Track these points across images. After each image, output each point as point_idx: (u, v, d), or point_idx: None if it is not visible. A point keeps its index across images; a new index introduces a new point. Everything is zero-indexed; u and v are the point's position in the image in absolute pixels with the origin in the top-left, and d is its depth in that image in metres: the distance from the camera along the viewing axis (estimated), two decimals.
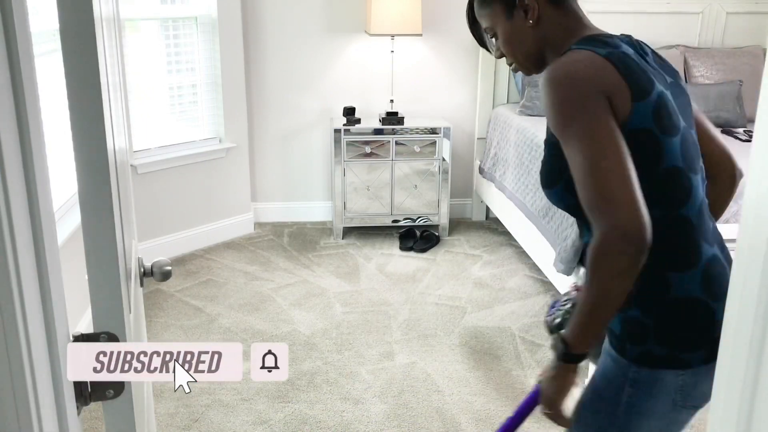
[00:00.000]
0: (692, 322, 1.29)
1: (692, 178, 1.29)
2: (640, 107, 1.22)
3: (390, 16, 4.07)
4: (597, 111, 1.19)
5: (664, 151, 1.25)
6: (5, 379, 0.72)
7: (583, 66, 1.24)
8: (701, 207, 1.31)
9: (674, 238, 1.28)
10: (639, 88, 1.23)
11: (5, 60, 0.68)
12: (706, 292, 1.28)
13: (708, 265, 1.29)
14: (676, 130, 1.27)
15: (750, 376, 0.69)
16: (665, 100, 1.27)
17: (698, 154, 1.33)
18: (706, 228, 1.31)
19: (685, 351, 1.29)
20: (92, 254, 0.95)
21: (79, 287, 1.34)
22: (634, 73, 1.24)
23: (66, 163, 2.85)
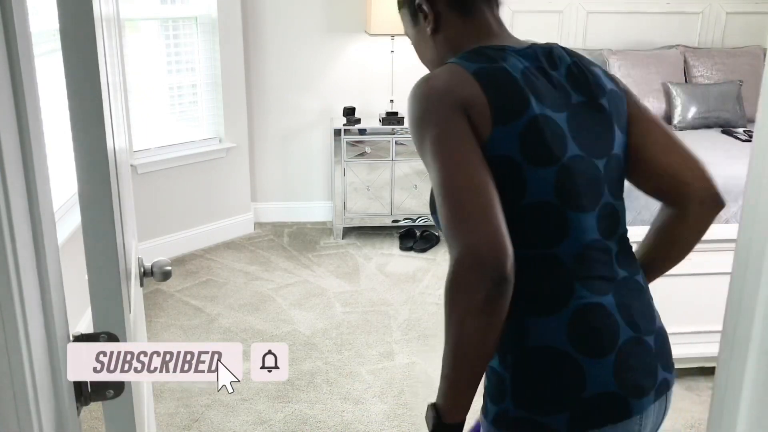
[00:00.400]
0: (552, 378, 1.09)
1: (571, 216, 1.10)
2: (500, 132, 1.07)
3: (390, 16, 4.07)
4: (451, 126, 1.06)
5: (528, 183, 1.08)
6: (5, 379, 0.72)
7: (442, 81, 1.11)
8: (588, 249, 1.12)
9: (538, 278, 1.10)
10: (502, 110, 1.07)
11: (5, 60, 0.68)
12: (572, 344, 1.08)
13: (580, 313, 1.09)
14: (553, 161, 1.09)
15: (750, 376, 0.69)
16: (541, 125, 1.09)
17: (597, 189, 1.14)
18: (593, 274, 1.12)
19: (545, 413, 1.08)
20: (92, 254, 0.95)
21: (79, 287, 1.34)
22: (503, 94, 1.09)
23: (66, 163, 2.85)
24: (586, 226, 1.12)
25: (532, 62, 1.15)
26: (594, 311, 1.10)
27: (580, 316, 1.09)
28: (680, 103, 4.12)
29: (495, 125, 1.06)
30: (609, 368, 1.08)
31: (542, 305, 1.10)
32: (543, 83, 1.13)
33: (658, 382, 1.14)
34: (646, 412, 1.12)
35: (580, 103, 1.16)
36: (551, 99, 1.13)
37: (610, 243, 1.15)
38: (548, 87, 1.13)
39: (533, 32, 4.83)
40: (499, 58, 1.13)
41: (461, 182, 1.03)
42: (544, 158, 1.09)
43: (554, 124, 1.11)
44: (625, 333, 1.11)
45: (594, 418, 1.08)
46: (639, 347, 1.12)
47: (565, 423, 1.08)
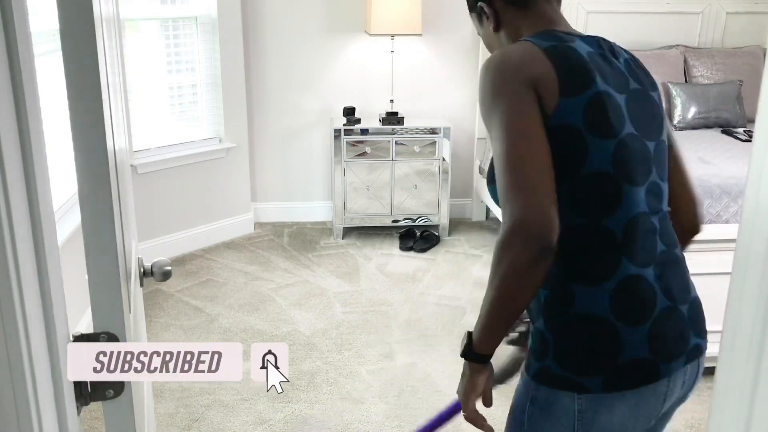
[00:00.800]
0: (591, 343, 1.19)
1: (625, 187, 1.18)
2: (567, 103, 1.16)
3: (390, 16, 4.07)
4: (520, 101, 1.14)
5: (589, 152, 1.17)
6: (5, 379, 0.72)
7: (515, 55, 1.20)
8: (635, 222, 1.19)
9: (589, 248, 1.19)
10: (570, 84, 1.17)
11: (5, 60, 0.68)
12: (614, 313, 1.17)
13: (624, 284, 1.18)
14: (613, 134, 1.18)
15: (750, 376, 0.69)
16: (605, 100, 1.18)
17: (647, 166, 1.23)
18: (638, 246, 1.19)
19: (582, 374, 1.19)
20: (92, 254, 0.95)
21: (79, 287, 1.34)
22: (572, 68, 1.18)
23: (66, 163, 2.85)
24: (637, 200, 1.20)
25: (595, 48, 1.26)
26: (636, 283, 1.18)
27: (623, 288, 1.18)
28: (680, 103, 4.12)
29: (562, 97, 1.16)
30: (644, 336, 1.18)
31: (589, 275, 1.19)
32: (606, 66, 1.23)
33: (689, 348, 1.24)
34: (674, 375, 1.22)
35: (636, 89, 1.26)
36: (613, 80, 1.22)
37: (654, 218, 1.23)
38: (610, 70, 1.23)
39: None
40: (568, 40, 1.24)
41: (522, 153, 1.12)
42: (606, 130, 1.18)
43: (615, 101, 1.20)
44: (661, 303, 1.20)
45: (626, 381, 1.19)
46: (673, 315, 1.22)
47: (599, 384, 1.18)
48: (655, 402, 1.22)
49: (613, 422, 1.21)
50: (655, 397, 1.22)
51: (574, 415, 1.21)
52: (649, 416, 1.24)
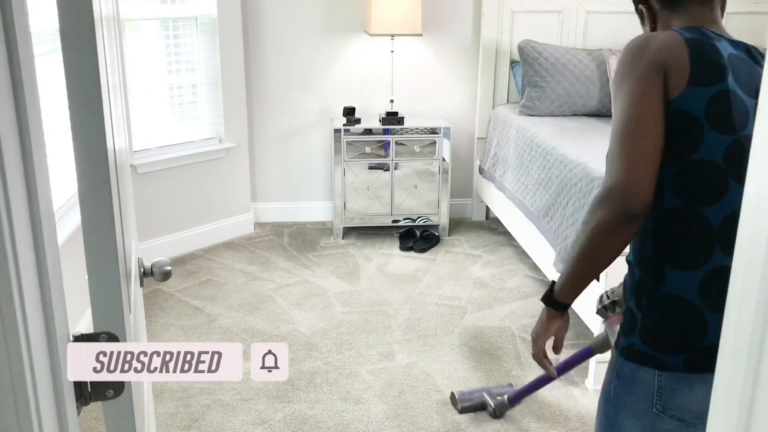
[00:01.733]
0: (678, 324, 1.26)
1: (732, 183, 1.23)
2: (693, 92, 1.23)
3: (390, 16, 4.07)
4: (647, 80, 1.23)
5: (704, 141, 1.23)
6: (5, 379, 0.72)
7: (656, 40, 1.27)
8: (734, 217, 1.23)
9: (685, 234, 1.25)
10: (701, 74, 1.23)
11: (5, 60, 0.68)
12: (702, 298, 1.24)
13: (714, 273, 1.23)
14: (731, 131, 1.23)
15: (750, 376, 0.69)
16: (731, 98, 1.24)
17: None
18: (734, 239, 1.27)
19: (665, 352, 1.27)
20: (92, 254, 0.95)
21: (79, 287, 1.34)
22: (706, 62, 1.24)
23: (66, 163, 2.85)
24: (741, 197, 1.21)
25: (740, 51, 1.30)
26: (727, 273, 1.21)
27: (713, 276, 1.23)
28: None
29: (689, 85, 1.23)
30: None
31: (683, 260, 1.25)
32: (745, 69, 1.27)
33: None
34: None
35: None
36: (748, 84, 1.26)
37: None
38: (748, 74, 1.27)
39: (533, 32, 4.84)
40: (713, 38, 1.29)
41: (634, 127, 1.23)
42: (725, 126, 1.23)
43: (742, 103, 1.25)
44: None
45: (707, 363, 1.23)
46: None
47: (680, 363, 1.25)
48: None
49: (691, 403, 1.26)
50: None
51: (654, 392, 1.28)
52: None
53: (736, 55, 1.28)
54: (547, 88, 4.12)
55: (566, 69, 4.12)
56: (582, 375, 2.89)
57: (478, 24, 4.47)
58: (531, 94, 4.16)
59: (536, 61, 4.14)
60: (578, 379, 2.88)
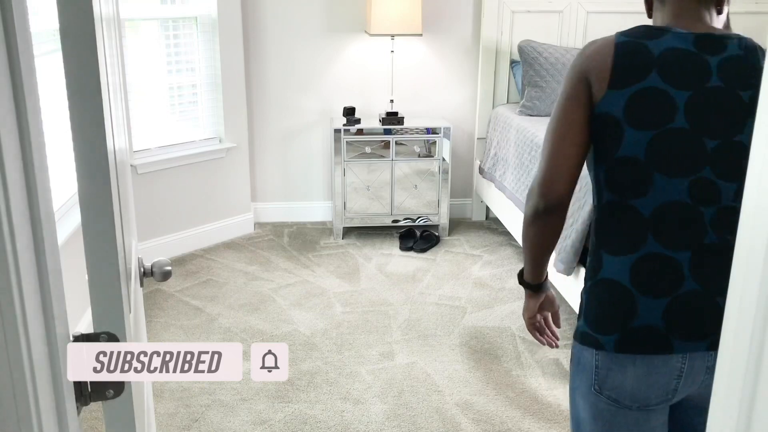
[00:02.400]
0: (610, 305, 1.35)
1: (656, 175, 1.30)
2: (612, 94, 1.31)
3: (390, 16, 4.07)
4: (571, 88, 1.36)
5: (623, 139, 1.31)
6: (5, 379, 0.72)
7: (590, 48, 1.38)
8: (668, 208, 1.31)
9: (619, 223, 1.35)
10: (620, 77, 1.31)
11: (5, 60, 0.68)
12: (633, 282, 1.32)
13: (645, 259, 1.31)
14: (651, 126, 1.30)
15: (750, 376, 0.69)
16: (652, 95, 1.30)
17: (692, 161, 1.31)
18: (669, 230, 1.31)
19: (599, 331, 1.36)
20: (92, 254, 0.95)
21: (79, 287, 1.34)
22: (628, 64, 1.32)
23: (66, 163, 2.85)
24: (671, 188, 1.31)
25: (685, 44, 1.34)
26: (659, 260, 1.31)
27: (644, 262, 1.31)
28: None
29: (609, 89, 1.32)
30: (660, 308, 1.30)
31: (616, 246, 1.35)
32: (681, 62, 1.32)
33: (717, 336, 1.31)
34: (692, 356, 1.31)
35: (714, 87, 1.32)
36: (681, 78, 1.31)
37: (703, 209, 1.31)
38: (684, 66, 1.32)
39: (533, 32, 4.84)
40: (653, 36, 1.35)
41: (556, 129, 1.37)
42: (644, 122, 1.30)
43: (666, 97, 1.30)
44: (689, 285, 1.30)
45: (637, 345, 1.32)
46: (703, 301, 1.30)
47: (612, 343, 1.33)
48: (668, 375, 1.32)
49: (624, 383, 1.34)
50: (667, 370, 1.31)
51: (593, 370, 1.37)
52: (663, 389, 1.33)
53: (673, 49, 1.32)
54: (547, 88, 4.12)
55: (566, 69, 4.11)
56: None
57: (478, 24, 4.47)
58: (531, 94, 4.16)
59: (536, 61, 4.14)
60: None
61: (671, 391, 1.34)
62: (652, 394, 1.33)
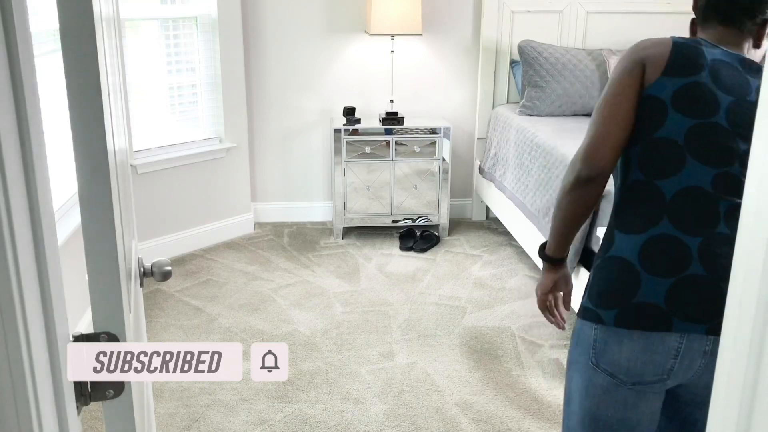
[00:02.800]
0: (614, 281, 1.38)
1: (691, 161, 1.36)
2: (664, 80, 1.39)
3: (390, 16, 4.07)
4: (626, 71, 1.43)
5: (666, 121, 1.38)
6: (5, 379, 0.72)
7: (648, 42, 1.45)
8: (690, 192, 1.36)
9: (638, 202, 1.40)
10: (675, 68, 1.39)
11: (5, 60, 0.68)
12: (641, 260, 1.36)
13: (656, 239, 1.35)
14: (696, 115, 1.37)
15: (750, 375, 0.69)
16: (701, 89, 1.38)
17: (726, 156, 1.37)
18: (686, 214, 1.36)
19: (600, 306, 1.39)
20: (92, 254, 0.95)
21: (79, 287, 1.34)
22: (684, 58, 1.40)
23: (66, 163, 2.85)
24: (699, 175, 1.36)
25: (733, 61, 1.43)
26: (669, 242, 1.35)
27: (654, 242, 1.36)
28: None
29: (662, 75, 1.39)
30: (663, 288, 1.34)
31: (631, 224, 1.39)
32: (728, 72, 1.41)
33: (717, 321, 1.42)
34: (690, 336, 1.34)
35: (754, 102, 1.39)
36: (727, 85, 1.40)
37: (721, 202, 1.36)
38: (731, 77, 1.41)
39: (533, 32, 4.84)
40: (705, 45, 1.44)
41: (606, 105, 1.43)
42: (690, 110, 1.38)
43: (713, 95, 1.39)
44: (695, 269, 1.34)
45: (636, 320, 1.35)
46: (705, 284, 1.33)
47: (612, 317, 1.37)
48: (665, 353, 1.35)
49: (620, 357, 1.37)
50: (663, 347, 1.35)
51: (591, 345, 1.40)
52: (659, 366, 1.36)
53: (723, 61, 1.42)
54: (547, 88, 4.12)
55: (566, 69, 4.12)
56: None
57: (478, 24, 4.47)
58: (531, 94, 4.16)
59: (536, 61, 4.14)
60: None
61: (667, 370, 1.36)
62: (647, 371, 1.36)
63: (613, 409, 1.41)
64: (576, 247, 2.86)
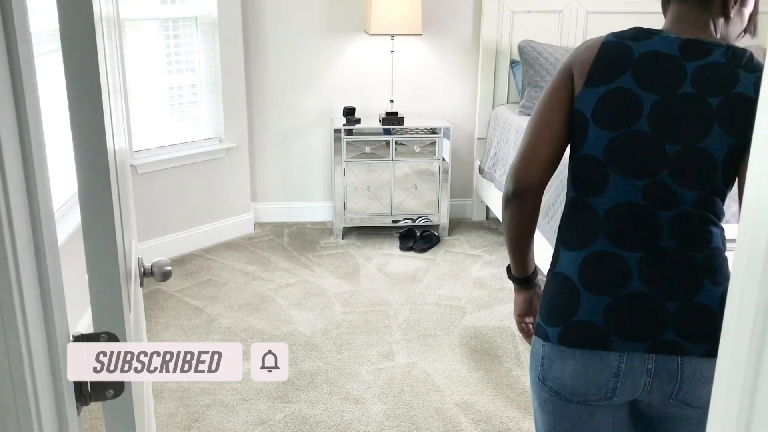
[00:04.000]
0: (557, 297, 1.37)
1: (613, 176, 1.32)
2: (587, 92, 1.33)
3: (390, 16, 4.07)
4: (557, 81, 1.38)
5: (587, 137, 1.34)
6: (5, 379, 0.72)
7: (583, 44, 1.39)
8: (622, 208, 1.31)
9: (576, 220, 1.38)
10: (596, 76, 1.33)
11: (5, 60, 0.68)
12: (580, 277, 1.34)
13: (594, 256, 1.33)
14: (614, 126, 1.32)
15: (750, 375, 0.69)
16: (620, 96, 1.31)
17: (651, 165, 1.30)
18: (622, 230, 1.32)
19: (547, 323, 1.38)
20: (92, 254, 0.95)
21: (79, 287, 1.34)
22: (606, 63, 1.33)
23: (66, 163, 2.85)
24: (627, 189, 1.32)
25: (670, 48, 1.33)
26: (607, 259, 1.33)
27: (592, 259, 1.33)
28: None
29: (585, 86, 1.34)
30: (602, 305, 1.32)
31: (571, 242, 1.37)
32: (658, 66, 1.32)
33: (659, 339, 1.30)
34: (630, 355, 1.31)
35: (687, 93, 1.31)
36: (653, 81, 1.32)
37: (660, 212, 1.31)
38: (661, 71, 1.32)
39: (533, 32, 4.83)
40: (640, 38, 1.34)
41: (535, 120, 1.40)
42: (607, 122, 1.32)
43: (634, 99, 1.31)
44: (635, 286, 1.30)
45: (577, 338, 1.34)
46: (646, 302, 1.30)
47: (557, 335, 1.36)
48: (605, 372, 1.32)
49: (564, 376, 1.36)
50: (603, 366, 1.32)
51: (540, 360, 1.40)
52: (602, 385, 1.33)
53: (655, 53, 1.31)
54: None
55: None
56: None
57: (478, 24, 4.47)
58: (531, 94, 4.16)
59: (536, 61, 4.14)
60: None
61: (610, 389, 1.33)
62: (591, 389, 1.33)
63: (569, 422, 1.39)
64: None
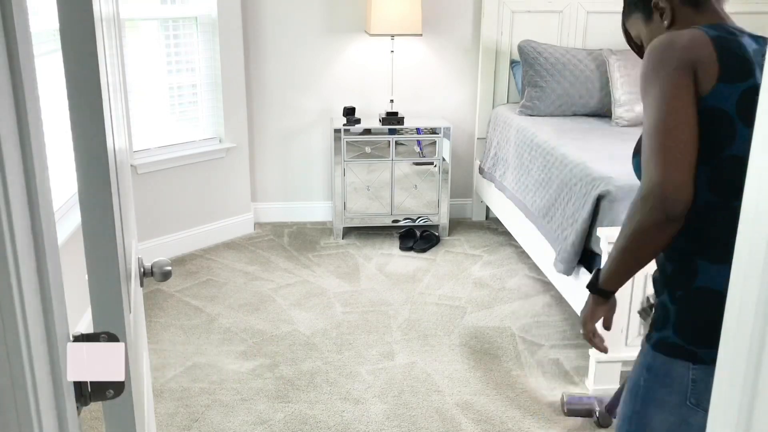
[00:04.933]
0: (711, 317, 1.25)
1: None
2: (723, 88, 1.24)
3: (390, 16, 4.07)
4: (676, 79, 1.24)
5: (736, 137, 1.24)
6: (5, 379, 0.72)
7: (683, 39, 1.27)
8: None
9: (718, 227, 1.27)
10: (730, 71, 1.24)
11: (5, 60, 0.68)
12: None
13: None
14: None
15: (750, 376, 0.69)
16: (757, 93, 1.23)
17: None
18: None
19: (699, 345, 1.27)
20: (92, 254, 0.95)
21: (79, 287, 1.34)
22: (733, 58, 1.25)
23: (66, 163, 2.85)
24: None
25: (761, 45, 1.30)
26: None
27: None
28: None
29: (720, 82, 1.23)
30: None
31: (717, 252, 1.26)
32: (762, 61, 1.26)
33: None
34: None
35: None
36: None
37: None
38: (760, 65, 1.26)
39: (533, 32, 4.84)
40: (737, 34, 1.29)
41: (670, 127, 1.22)
42: (751, 121, 1.20)
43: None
44: None
45: None
46: None
47: (715, 356, 1.25)
48: None
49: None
50: None
51: (688, 385, 1.28)
52: None
53: (758, 50, 1.29)
54: (547, 88, 4.12)
55: (566, 69, 4.12)
56: (582, 375, 2.89)
57: (478, 24, 4.47)
58: (531, 94, 4.16)
59: (536, 61, 4.14)
60: (578, 379, 2.88)
61: None
62: None
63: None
64: (576, 247, 2.86)
